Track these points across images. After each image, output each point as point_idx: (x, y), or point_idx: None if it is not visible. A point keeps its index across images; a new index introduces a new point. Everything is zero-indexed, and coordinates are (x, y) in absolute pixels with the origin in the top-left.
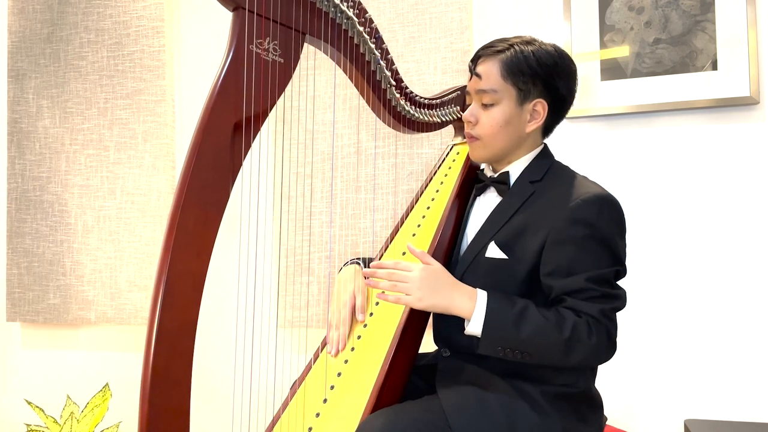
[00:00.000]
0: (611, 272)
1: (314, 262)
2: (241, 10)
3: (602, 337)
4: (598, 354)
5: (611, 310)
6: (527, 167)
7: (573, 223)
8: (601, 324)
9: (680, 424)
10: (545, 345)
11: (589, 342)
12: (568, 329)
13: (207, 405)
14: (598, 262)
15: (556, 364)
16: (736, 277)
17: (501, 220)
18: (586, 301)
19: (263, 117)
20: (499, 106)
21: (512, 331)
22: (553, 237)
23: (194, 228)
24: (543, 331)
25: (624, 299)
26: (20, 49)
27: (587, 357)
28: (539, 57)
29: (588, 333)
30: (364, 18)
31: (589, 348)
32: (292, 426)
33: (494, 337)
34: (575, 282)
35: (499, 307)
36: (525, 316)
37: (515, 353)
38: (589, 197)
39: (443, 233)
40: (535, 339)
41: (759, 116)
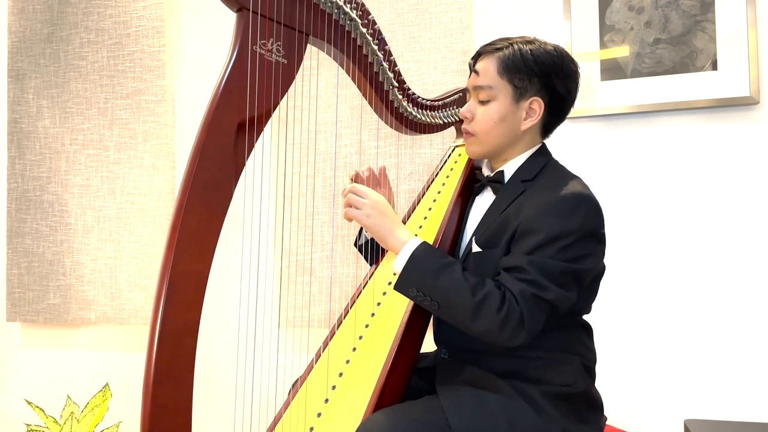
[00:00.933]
0: (560, 267)
1: (315, 262)
2: (245, 11)
3: (512, 316)
4: (503, 330)
5: (532, 296)
6: (521, 166)
7: (544, 215)
8: (516, 304)
9: (680, 424)
10: (455, 301)
11: (497, 315)
12: (481, 294)
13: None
14: (551, 252)
15: (462, 323)
16: (735, 277)
17: (491, 219)
18: (514, 279)
19: (266, 117)
20: (494, 102)
21: (429, 278)
22: (523, 225)
23: (197, 228)
24: (457, 287)
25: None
26: (20, 49)
27: (491, 329)
28: (537, 55)
29: (499, 306)
30: (367, 20)
31: (495, 320)
32: (293, 425)
33: (411, 277)
34: (517, 259)
35: (427, 253)
36: (447, 269)
37: (425, 299)
38: (567, 195)
39: (445, 233)
40: (447, 292)
41: (759, 116)
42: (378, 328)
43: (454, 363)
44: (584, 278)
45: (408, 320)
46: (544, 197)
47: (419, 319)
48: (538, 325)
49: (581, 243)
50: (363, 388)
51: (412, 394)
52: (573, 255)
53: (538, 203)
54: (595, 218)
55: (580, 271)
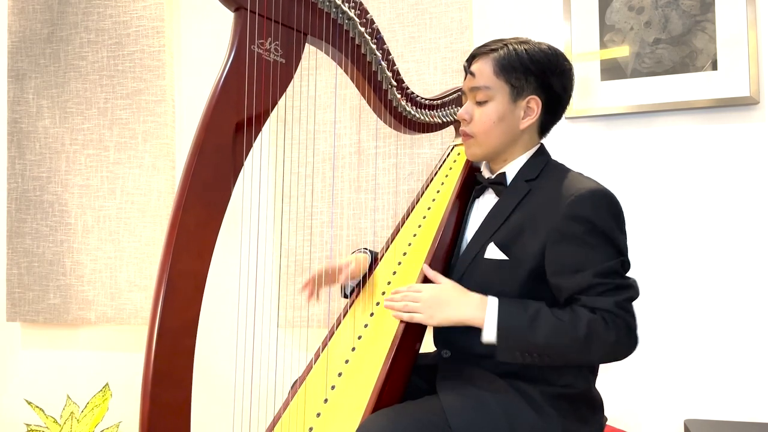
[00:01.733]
0: (617, 263)
1: (314, 262)
2: (242, 10)
3: (621, 329)
4: (619, 347)
5: (625, 301)
6: (523, 167)
7: (571, 220)
8: (618, 317)
9: (680, 424)
10: (563, 345)
11: (608, 337)
12: (584, 327)
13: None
14: (603, 255)
15: (577, 363)
16: (735, 277)
17: (498, 220)
18: (599, 296)
19: (264, 117)
20: (492, 102)
21: (528, 335)
22: (553, 236)
23: (195, 228)
24: (559, 331)
25: (636, 288)
26: (20, 49)
27: (608, 352)
28: (532, 54)
29: (605, 328)
30: (366, 19)
31: (609, 343)
32: (292, 425)
33: (510, 343)
34: (584, 279)
35: (512, 312)
36: (538, 318)
37: (534, 357)
38: (584, 192)
39: (443, 234)
40: (551, 341)
41: (759, 116)
42: (377, 329)
43: (455, 363)
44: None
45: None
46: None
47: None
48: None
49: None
50: (362, 388)
51: (412, 394)
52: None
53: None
54: (616, 207)
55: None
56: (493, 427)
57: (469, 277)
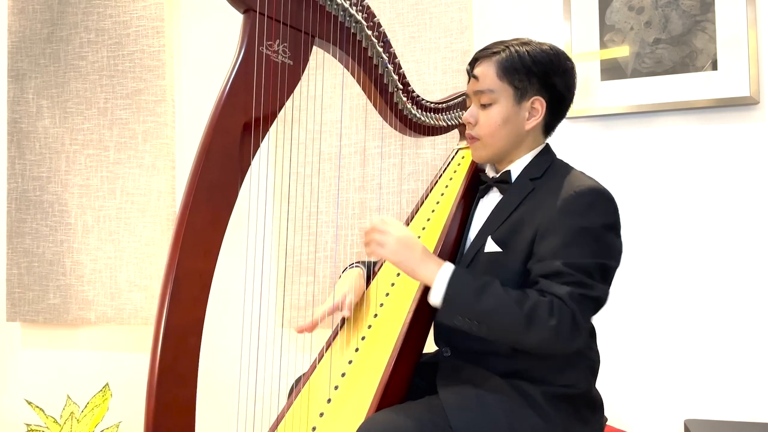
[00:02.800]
0: (593, 264)
1: (317, 262)
2: (251, 12)
3: (565, 319)
4: (559, 337)
5: (581, 296)
6: (528, 165)
7: (563, 214)
8: (566, 306)
9: (680, 424)
10: (504, 319)
11: (548, 322)
12: (528, 306)
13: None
14: (582, 251)
15: (515, 340)
16: (735, 276)
17: (501, 217)
18: (558, 284)
19: (272, 118)
20: (496, 105)
21: (472, 301)
22: (543, 227)
23: (202, 227)
24: (503, 304)
25: (602, 294)
26: (20, 49)
27: (546, 338)
28: (534, 55)
29: (549, 313)
30: (373, 22)
31: (549, 329)
32: (296, 425)
33: (454, 305)
34: (552, 265)
35: (462, 277)
36: (487, 289)
37: (473, 323)
38: (583, 190)
39: (448, 235)
40: (493, 312)
41: (759, 116)
42: (380, 329)
43: (456, 362)
44: (612, 272)
45: (410, 321)
46: (559, 196)
47: (422, 320)
48: (588, 323)
49: (604, 237)
50: (365, 388)
51: (412, 394)
52: (601, 249)
53: (554, 203)
54: (613, 211)
55: (610, 265)
56: (494, 426)
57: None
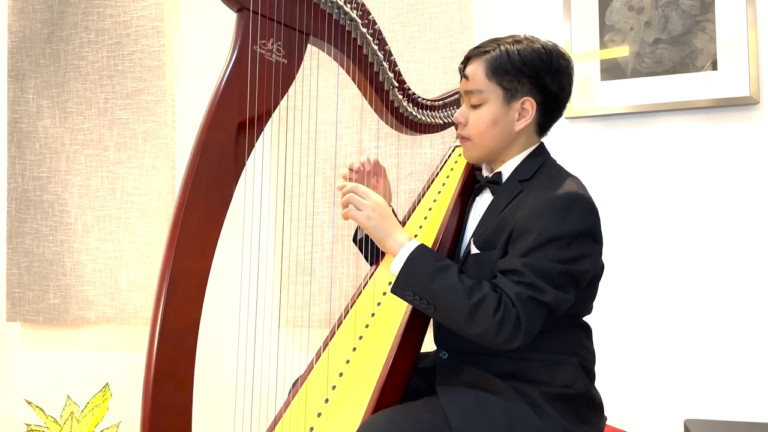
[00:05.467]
0: (556, 269)
1: (315, 262)
2: (245, 11)
3: (508, 318)
4: (499, 333)
5: (529, 299)
6: (518, 166)
7: (539, 216)
8: (512, 306)
9: (680, 424)
10: (451, 304)
11: (493, 318)
12: (477, 297)
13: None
14: (548, 254)
15: (457, 326)
16: (735, 277)
17: (490, 219)
18: (511, 282)
19: (266, 117)
20: (486, 106)
21: (425, 281)
22: (518, 227)
23: (198, 227)
24: (454, 290)
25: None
26: (20, 49)
27: (487, 331)
28: (524, 55)
29: (495, 308)
30: (368, 20)
31: (491, 323)
32: (293, 425)
33: (408, 280)
34: (512, 262)
35: (424, 256)
36: (444, 272)
37: (422, 302)
38: (561, 194)
39: (445, 234)
40: (444, 295)
41: (759, 116)
42: (378, 329)
43: (454, 364)
44: (581, 279)
45: (408, 320)
46: (539, 197)
47: (419, 320)
48: (535, 327)
49: (577, 243)
50: (363, 388)
51: (412, 394)
52: (569, 256)
53: (533, 204)
54: (590, 218)
55: (577, 272)
56: (494, 427)
57: None
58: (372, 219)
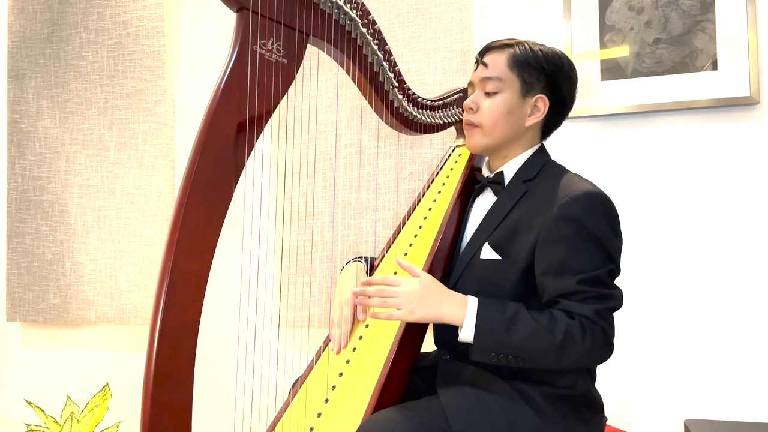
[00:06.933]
0: (604, 272)
1: (315, 262)
2: (245, 11)
3: (597, 338)
4: (593, 355)
5: (606, 310)
6: (521, 167)
7: (562, 221)
8: (596, 324)
9: (680, 424)
10: (538, 349)
11: (583, 344)
12: (561, 332)
13: (209, 404)
14: (590, 261)
15: (550, 367)
16: (735, 277)
17: (495, 221)
18: (580, 302)
19: (266, 117)
20: (502, 94)
21: (504, 336)
22: (543, 236)
23: (197, 228)
24: (535, 334)
25: (620, 299)
26: (20, 49)
27: (582, 359)
28: (547, 54)
29: (582, 335)
30: (368, 19)
31: (584, 350)
32: (293, 425)
33: (486, 343)
34: (567, 284)
35: (490, 312)
36: (516, 320)
37: (509, 358)
38: (578, 194)
39: (445, 234)
40: (527, 343)
41: (759, 116)
42: (378, 329)
43: (454, 364)
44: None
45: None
46: (555, 201)
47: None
48: (614, 333)
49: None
50: (363, 388)
51: (412, 394)
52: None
53: (551, 208)
54: (610, 211)
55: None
56: (494, 427)
57: (467, 277)
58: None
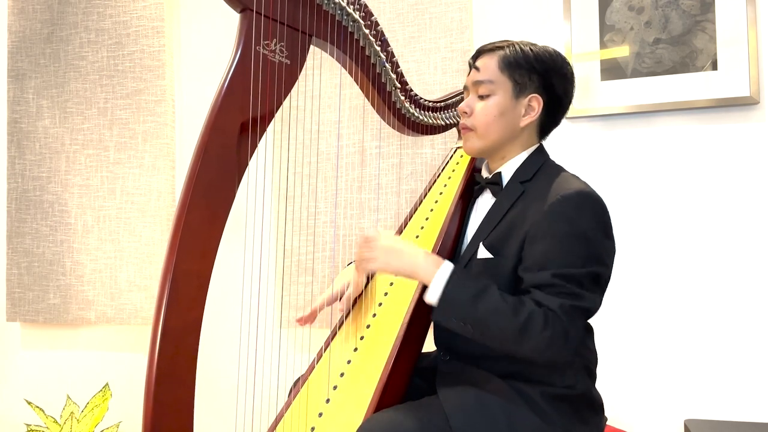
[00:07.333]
0: (584, 272)
1: (316, 262)
2: (248, 11)
3: (557, 332)
4: (552, 348)
5: (572, 308)
6: (519, 167)
7: (551, 219)
8: (559, 318)
9: (680, 424)
10: (498, 326)
11: (543, 333)
12: (524, 315)
13: (210, 403)
14: (572, 259)
15: (507, 348)
16: (735, 277)
17: (493, 221)
18: (550, 295)
19: (269, 117)
20: (494, 97)
21: (468, 305)
22: (531, 232)
23: (200, 227)
24: (499, 312)
25: (593, 303)
26: (20, 49)
27: (540, 348)
28: (537, 54)
29: (543, 324)
30: (370, 21)
31: (542, 339)
32: (295, 425)
33: (450, 307)
34: (543, 276)
35: (461, 279)
36: (484, 294)
37: (467, 327)
38: (570, 193)
39: (446, 236)
40: (489, 317)
41: (759, 116)
42: (379, 329)
43: (455, 364)
44: (603, 277)
45: (409, 320)
46: (545, 199)
47: (421, 320)
48: (579, 335)
49: (594, 241)
50: (364, 388)
51: (412, 394)
52: (590, 256)
53: (542, 206)
54: (602, 214)
55: (600, 271)
56: (494, 427)
57: None
58: (390, 263)
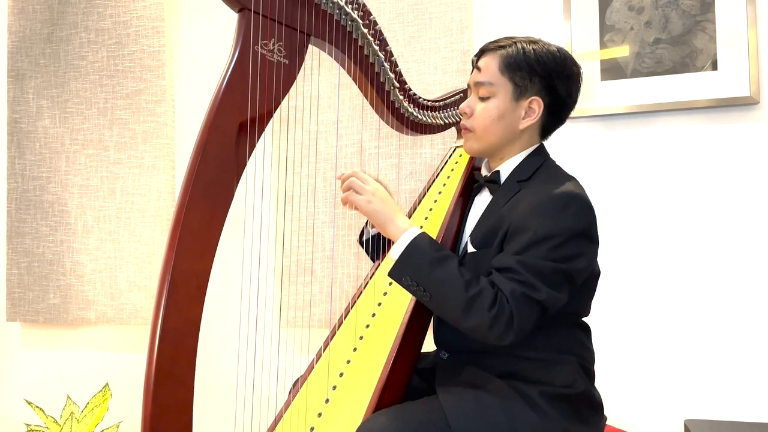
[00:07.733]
0: (550, 267)
1: (316, 262)
2: (246, 11)
3: (502, 315)
4: (494, 329)
5: (522, 296)
6: (517, 167)
7: (535, 215)
8: (507, 303)
9: (680, 424)
10: (448, 294)
11: (488, 312)
12: (474, 291)
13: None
14: (542, 252)
15: (451, 317)
16: (735, 277)
17: (488, 219)
18: (506, 279)
19: (268, 117)
20: (494, 99)
21: (424, 268)
22: (515, 224)
23: (198, 227)
24: (452, 280)
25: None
26: (20, 49)
27: (482, 326)
28: (540, 55)
29: (491, 303)
30: (369, 20)
31: (485, 317)
32: (294, 425)
33: (406, 266)
34: (507, 260)
35: (425, 243)
36: (444, 262)
37: (418, 288)
38: (559, 193)
39: (446, 234)
40: (441, 285)
41: (759, 116)
42: (379, 328)
43: (454, 364)
44: (576, 278)
45: (409, 320)
46: (536, 197)
47: (420, 319)
48: (528, 325)
49: (572, 243)
50: (364, 388)
51: (412, 394)
52: (563, 255)
53: (529, 203)
54: (586, 217)
55: (571, 271)
56: (494, 427)
57: None
58: (372, 203)
